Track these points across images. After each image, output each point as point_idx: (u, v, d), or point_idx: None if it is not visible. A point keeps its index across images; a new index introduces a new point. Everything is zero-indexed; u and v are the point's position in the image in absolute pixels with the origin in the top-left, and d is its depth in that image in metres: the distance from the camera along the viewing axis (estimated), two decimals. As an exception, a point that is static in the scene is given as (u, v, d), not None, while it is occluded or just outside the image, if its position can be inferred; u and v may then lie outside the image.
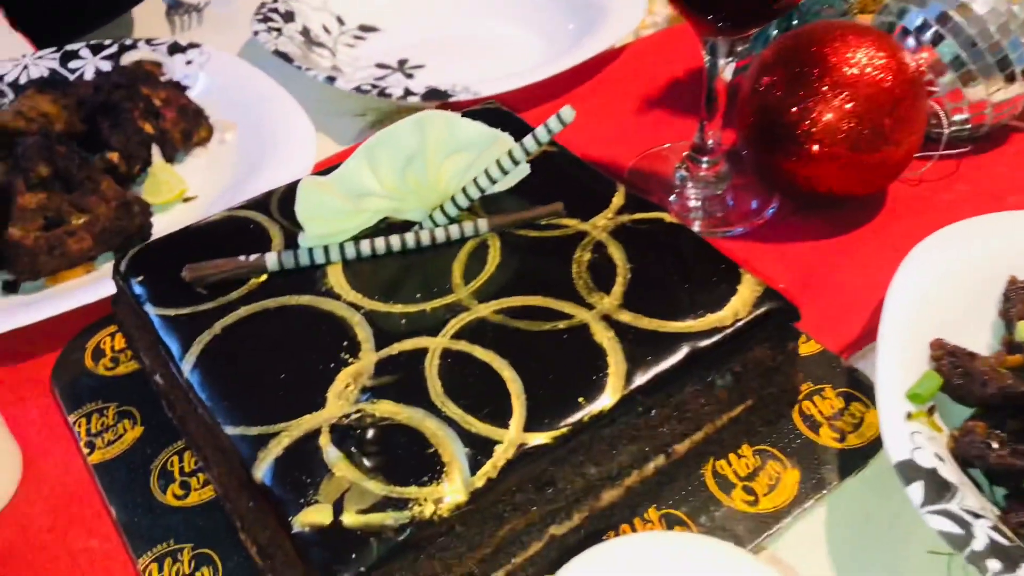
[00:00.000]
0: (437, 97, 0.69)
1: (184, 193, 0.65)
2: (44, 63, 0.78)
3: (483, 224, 0.46)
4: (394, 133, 0.44)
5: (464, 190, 0.47)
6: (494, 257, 0.45)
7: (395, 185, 0.46)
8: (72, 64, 0.78)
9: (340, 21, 0.86)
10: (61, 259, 0.56)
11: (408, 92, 0.69)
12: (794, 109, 0.56)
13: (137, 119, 0.65)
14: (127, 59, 0.75)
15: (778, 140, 0.57)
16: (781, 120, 0.57)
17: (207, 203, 0.65)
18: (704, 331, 0.41)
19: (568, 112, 0.45)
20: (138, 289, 0.46)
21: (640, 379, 0.39)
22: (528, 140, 0.46)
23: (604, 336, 0.41)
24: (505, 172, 0.47)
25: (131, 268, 0.47)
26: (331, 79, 0.71)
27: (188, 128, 0.68)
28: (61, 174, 0.59)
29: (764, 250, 0.58)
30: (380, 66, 0.81)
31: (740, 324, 0.41)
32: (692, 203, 0.62)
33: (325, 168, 0.47)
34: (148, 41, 0.79)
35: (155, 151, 0.65)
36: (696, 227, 0.60)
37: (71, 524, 0.44)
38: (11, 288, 0.57)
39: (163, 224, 0.63)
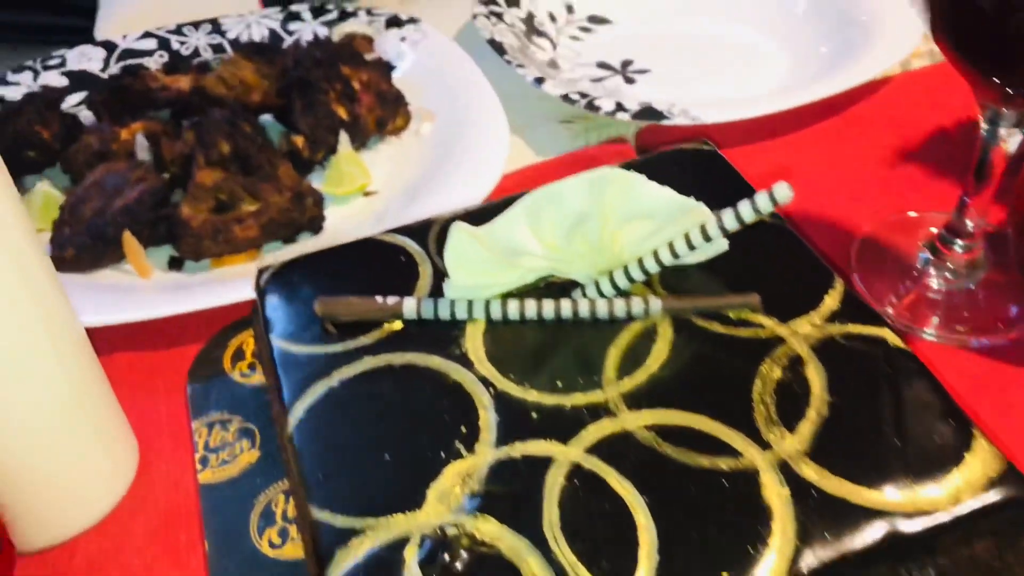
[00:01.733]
0: (651, 117, 0.61)
1: (366, 187, 0.61)
2: (267, 22, 0.76)
3: (656, 304, 0.39)
4: (562, 192, 0.37)
5: (640, 261, 0.39)
6: (661, 350, 0.38)
7: (559, 245, 0.39)
8: (292, 26, 0.76)
9: (569, 9, 0.79)
10: (225, 245, 0.54)
11: (620, 107, 0.62)
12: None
13: (331, 101, 0.61)
14: (341, 30, 0.72)
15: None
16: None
17: (387, 199, 0.61)
18: (911, 512, 0.31)
19: (783, 192, 0.36)
20: (269, 311, 0.42)
21: (810, 561, 0.30)
22: (727, 216, 0.38)
23: (775, 492, 0.32)
24: (693, 248, 0.38)
25: (269, 285, 0.43)
26: (540, 80, 0.65)
27: (384, 116, 0.64)
28: (240, 154, 0.56)
29: (1013, 376, 0.46)
30: (601, 65, 0.74)
31: (962, 513, 0.31)
32: (931, 295, 0.50)
33: (505, 197, 0.41)
34: (369, 11, 0.76)
35: (343, 138, 0.62)
36: (931, 328, 0.49)
37: (163, 551, 0.41)
38: (176, 265, 0.56)
39: (338, 217, 0.59)
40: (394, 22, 0.75)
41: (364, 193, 0.61)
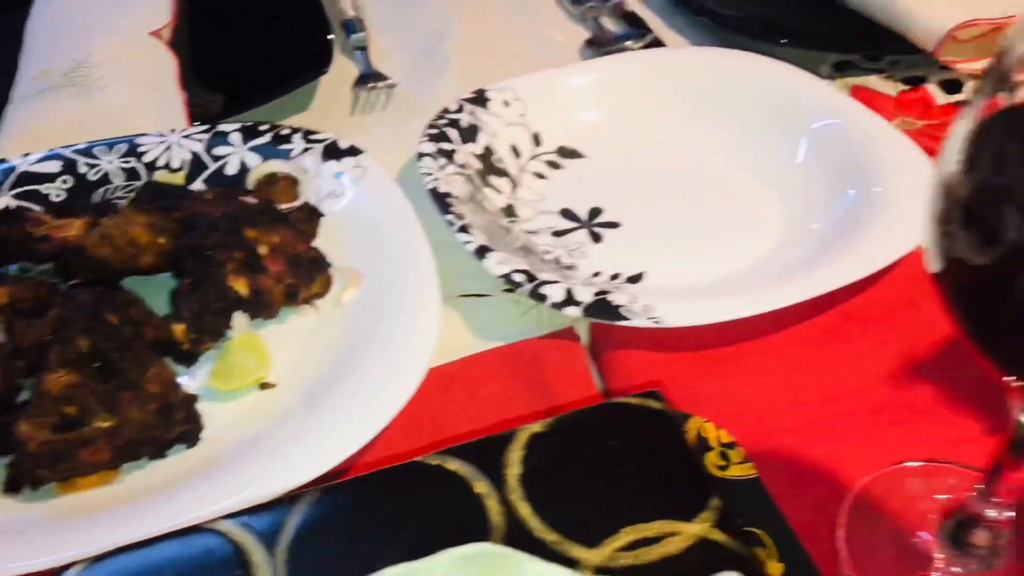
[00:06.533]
0: (605, 316, 0.51)
1: (262, 379, 0.52)
2: (190, 144, 0.67)
3: None
4: (427, 572, 0.27)
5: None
6: None
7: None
8: (218, 150, 0.67)
9: (537, 140, 0.69)
10: (68, 472, 0.45)
11: (570, 299, 0.52)
12: None
13: (228, 275, 0.52)
14: (261, 170, 0.63)
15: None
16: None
17: (288, 393, 0.52)
18: None
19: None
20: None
21: None
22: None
23: None
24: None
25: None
26: (482, 251, 0.55)
27: (297, 284, 0.55)
28: (101, 352, 0.47)
29: None
30: (566, 214, 0.64)
31: None
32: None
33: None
34: (307, 134, 0.67)
35: (240, 319, 0.52)
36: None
37: None
38: (12, 487, 0.46)
39: (227, 418, 0.50)
40: (332, 152, 0.65)
41: (261, 386, 0.52)
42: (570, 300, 0.52)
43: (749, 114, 0.67)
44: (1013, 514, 0.39)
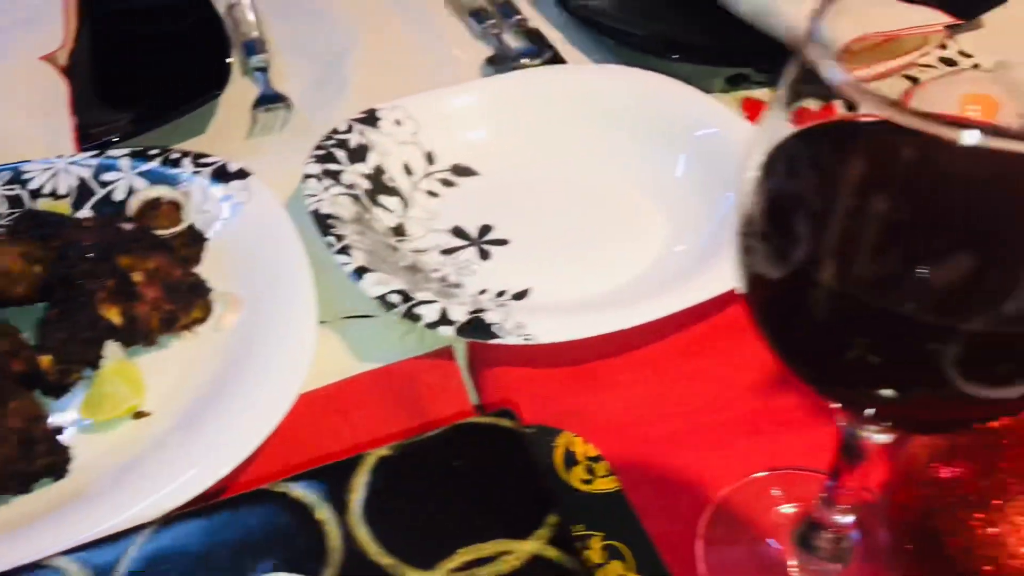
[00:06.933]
0: (478, 335, 0.51)
1: (135, 408, 0.51)
2: (77, 170, 0.66)
3: None
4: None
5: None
6: None
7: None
8: (106, 176, 0.66)
9: (430, 159, 0.69)
10: (-75, 510, 0.44)
11: (444, 319, 0.52)
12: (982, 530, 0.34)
13: (99, 303, 0.51)
14: (144, 195, 0.62)
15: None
16: (952, 542, 0.35)
17: (163, 421, 0.51)
18: None
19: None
20: None
21: None
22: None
23: None
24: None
25: None
26: (360, 272, 0.55)
27: (173, 311, 0.54)
28: (-39, 386, 0.46)
29: None
30: (456, 232, 0.64)
31: None
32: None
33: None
34: (197, 158, 0.67)
35: (112, 348, 0.52)
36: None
37: None
38: None
39: (100, 448, 0.49)
40: (221, 174, 0.65)
41: (135, 415, 0.51)
42: (444, 320, 0.52)
43: (635, 129, 0.68)
44: (853, 518, 0.40)
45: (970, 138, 0.25)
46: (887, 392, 0.30)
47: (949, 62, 0.77)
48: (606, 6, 0.86)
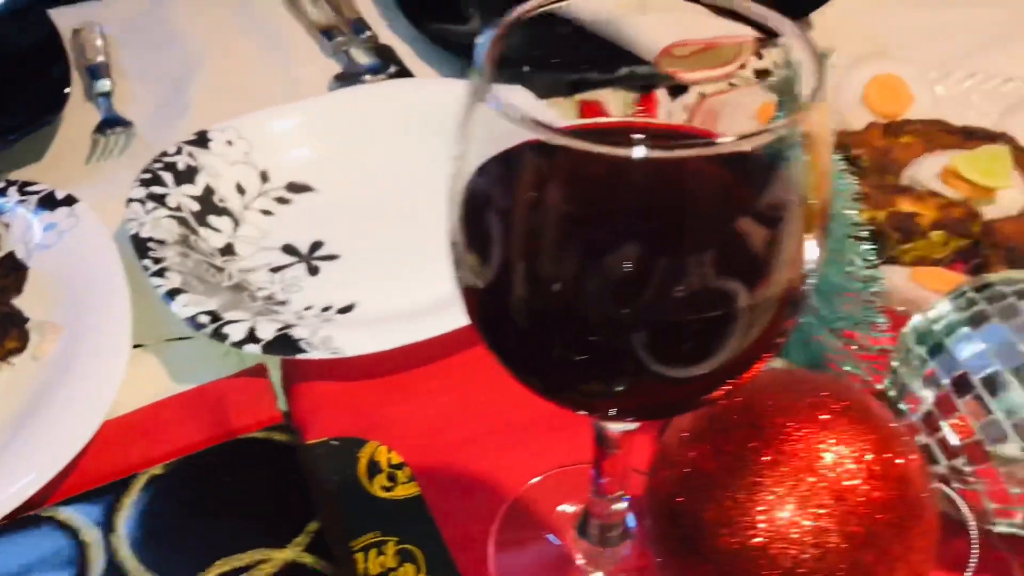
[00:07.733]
0: (285, 350, 0.52)
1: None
2: (-102, 201, 0.65)
3: None
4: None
5: None
6: None
7: None
8: (-72, 208, 0.65)
9: (264, 177, 0.70)
10: None
11: (251, 336, 0.53)
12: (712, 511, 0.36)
13: (-101, 339, 0.51)
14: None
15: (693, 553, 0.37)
16: (689, 523, 0.37)
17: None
18: None
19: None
20: None
21: None
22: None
23: None
24: None
25: None
26: (172, 294, 0.55)
27: (-16, 342, 0.54)
28: None
29: None
30: (287, 249, 0.65)
31: None
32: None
33: None
34: (23, 187, 0.66)
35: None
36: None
37: None
38: None
39: None
40: (48, 202, 0.65)
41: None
42: (251, 338, 0.53)
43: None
44: (625, 504, 0.42)
45: (617, 152, 0.26)
46: (593, 387, 0.32)
47: (764, 73, 0.80)
48: (461, 26, 0.87)
